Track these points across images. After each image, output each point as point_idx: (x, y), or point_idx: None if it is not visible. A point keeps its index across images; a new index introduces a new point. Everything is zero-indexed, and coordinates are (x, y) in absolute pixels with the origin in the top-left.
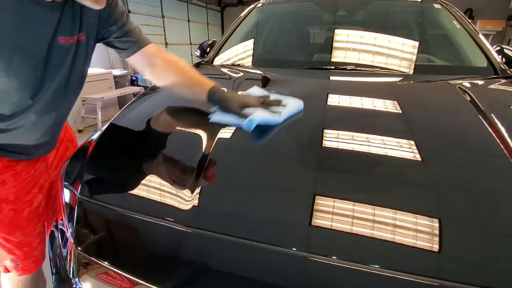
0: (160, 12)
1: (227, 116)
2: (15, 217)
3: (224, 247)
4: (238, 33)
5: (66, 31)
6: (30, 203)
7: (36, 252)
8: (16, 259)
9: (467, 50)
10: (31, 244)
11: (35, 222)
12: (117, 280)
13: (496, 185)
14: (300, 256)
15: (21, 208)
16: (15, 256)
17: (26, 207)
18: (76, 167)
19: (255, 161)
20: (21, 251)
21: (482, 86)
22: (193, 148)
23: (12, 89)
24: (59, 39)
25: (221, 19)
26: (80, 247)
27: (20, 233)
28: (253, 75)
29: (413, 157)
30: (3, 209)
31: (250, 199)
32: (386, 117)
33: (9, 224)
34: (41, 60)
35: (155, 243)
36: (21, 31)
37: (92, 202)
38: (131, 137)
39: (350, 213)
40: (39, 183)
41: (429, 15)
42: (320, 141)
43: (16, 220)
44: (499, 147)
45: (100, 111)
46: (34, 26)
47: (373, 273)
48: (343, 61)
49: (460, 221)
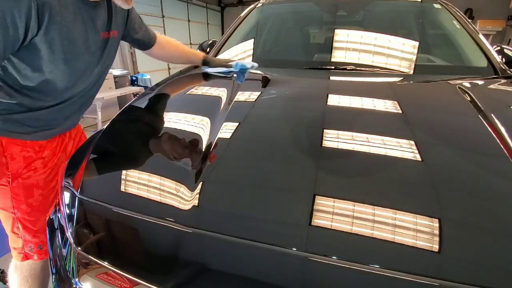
0: (160, 12)
1: (217, 69)
2: (43, 201)
3: (224, 247)
4: (238, 33)
5: (104, 27)
6: (54, 188)
7: None
8: (40, 242)
9: (467, 50)
10: None
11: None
12: (117, 280)
13: (496, 185)
14: (300, 256)
15: (48, 193)
16: (39, 240)
17: (52, 192)
18: (76, 166)
19: (255, 161)
20: (45, 235)
21: (482, 86)
22: (193, 148)
23: (66, 74)
24: (102, 34)
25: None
26: (80, 247)
27: (45, 218)
28: (253, 75)
29: (413, 157)
30: (34, 194)
31: (250, 199)
32: (386, 117)
33: (38, 208)
34: (88, 50)
35: (155, 243)
36: (75, 25)
37: (92, 202)
38: (131, 137)
39: (350, 213)
40: (59, 172)
41: (429, 15)
42: (320, 141)
43: (43, 204)
44: (499, 147)
45: (100, 111)
46: (82, 21)
47: (373, 273)
48: (343, 61)
49: (460, 221)
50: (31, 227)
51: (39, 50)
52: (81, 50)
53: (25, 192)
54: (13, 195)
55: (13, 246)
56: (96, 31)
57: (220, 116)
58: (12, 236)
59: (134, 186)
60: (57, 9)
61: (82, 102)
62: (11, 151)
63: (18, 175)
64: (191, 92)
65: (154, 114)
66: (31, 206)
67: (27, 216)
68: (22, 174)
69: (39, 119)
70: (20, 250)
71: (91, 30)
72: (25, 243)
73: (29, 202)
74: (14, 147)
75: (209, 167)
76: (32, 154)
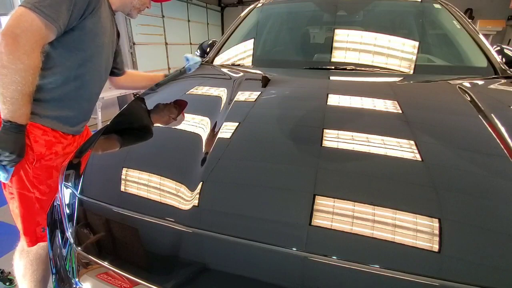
0: (160, 12)
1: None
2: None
3: (224, 247)
4: (238, 33)
5: (114, 33)
6: None
7: None
8: None
9: (467, 50)
10: None
11: None
12: (117, 280)
13: (496, 185)
14: (300, 256)
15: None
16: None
17: None
18: (76, 166)
19: (255, 161)
20: None
21: (482, 86)
22: (193, 148)
23: (99, 60)
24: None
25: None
26: (80, 247)
27: None
28: (253, 75)
29: (413, 157)
30: (53, 175)
31: (250, 199)
32: (386, 117)
33: (55, 190)
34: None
35: (155, 243)
36: (105, 28)
37: (92, 202)
38: (131, 137)
39: (350, 213)
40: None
41: (429, 15)
42: (320, 141)
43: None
44: (499, 147)
45: (100, 111)
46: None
47: (373, 273)
48: (343, 61)
49: (460, 221)
50: (47, 207)
51: (86, 29)
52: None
53: (46, 173)
54: (35, 175)
55: (26, 229)
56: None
57: (220, 116)
58: (26, 220)
59: (134, 186)
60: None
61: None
62: (34, 134)
63: (41, 156)
64: (191, 92)
65: (154, 114)
66: (49, 187)
67: (44, 197)
68: (45, 156)
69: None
70: (32, 234)
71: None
72: (38, 224)
73: (48, 183)
74: (36, 131)
75: (209, 167)
76: (52, 139)
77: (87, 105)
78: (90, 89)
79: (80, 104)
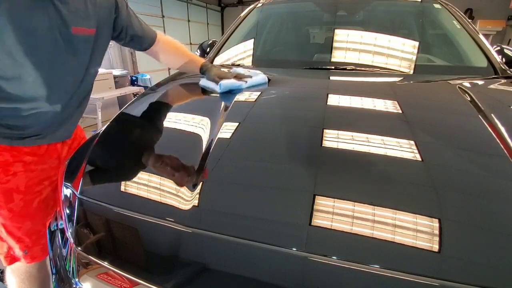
0: (160, 12)
1: (208, 83)
2: (25, 207)
3: (224, 247)
4: (238, 33)
5: (80, 22)
6: (40, 193)
7: (44, 239)
8: (25, 247)
9: (467, 50)
10: (39, 232)
11: (44, 212)
12: (117, 280)
13: (496, 185)
14: (300, 256)
15: (31, 198)
16: (23, 244)
17: (36, 197)
18: (76, 167)
19: (255, 161)
20: (30, 239)
21: (482, 86)
22: (193, 148)
23: (32, 70)
24: (72, 29)
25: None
26: (80, 247)
27: (30, 222)
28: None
29: (413, 157)
30: (14, 199)
31: (250, 199)
32: (386, 117)
33: (20, 213)
34: (52, 48)
35: (155, 243)
36: (31, 14)
37: (92, 201)
38: (131, 137)
39: (350, 213)
40: (49, 177)
41: (429, 15)
42: (320, 141)
43: (26, 209)
44: (499, 147)
45: (100, 111)
46: (43, 13)
47: (373, 273)
48: (343, 61)
49: (460, 221)
50: (15, 232)
51: None
52: (44, 44)
53: (4, 197)
54: None
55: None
56: (65, 25)
57: (220, 116)
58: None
59: (134, 186)
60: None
61: (69, 110)
62: None
63: None
64: (191, 92)
65: (154, 114)
66: (12, 211)
67: (9, 221)
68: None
69: (25, 126)
70: (6, 254)
71: (55, 23)
72: (9, 247)
73: (10, 207)
74: None
75: (209, 167)
76: (9, 158)
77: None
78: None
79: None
